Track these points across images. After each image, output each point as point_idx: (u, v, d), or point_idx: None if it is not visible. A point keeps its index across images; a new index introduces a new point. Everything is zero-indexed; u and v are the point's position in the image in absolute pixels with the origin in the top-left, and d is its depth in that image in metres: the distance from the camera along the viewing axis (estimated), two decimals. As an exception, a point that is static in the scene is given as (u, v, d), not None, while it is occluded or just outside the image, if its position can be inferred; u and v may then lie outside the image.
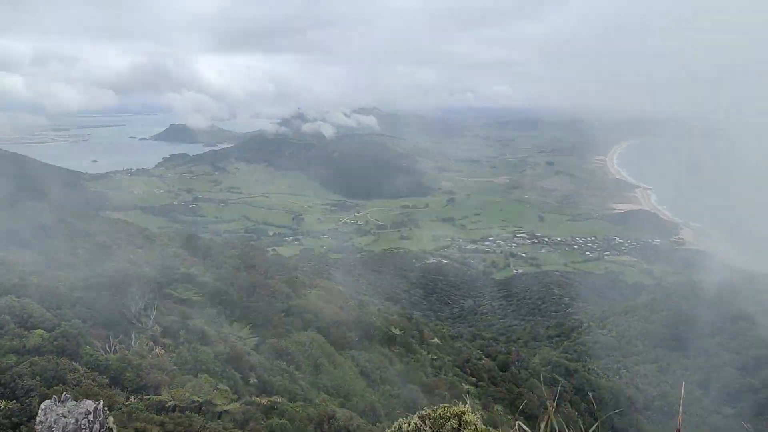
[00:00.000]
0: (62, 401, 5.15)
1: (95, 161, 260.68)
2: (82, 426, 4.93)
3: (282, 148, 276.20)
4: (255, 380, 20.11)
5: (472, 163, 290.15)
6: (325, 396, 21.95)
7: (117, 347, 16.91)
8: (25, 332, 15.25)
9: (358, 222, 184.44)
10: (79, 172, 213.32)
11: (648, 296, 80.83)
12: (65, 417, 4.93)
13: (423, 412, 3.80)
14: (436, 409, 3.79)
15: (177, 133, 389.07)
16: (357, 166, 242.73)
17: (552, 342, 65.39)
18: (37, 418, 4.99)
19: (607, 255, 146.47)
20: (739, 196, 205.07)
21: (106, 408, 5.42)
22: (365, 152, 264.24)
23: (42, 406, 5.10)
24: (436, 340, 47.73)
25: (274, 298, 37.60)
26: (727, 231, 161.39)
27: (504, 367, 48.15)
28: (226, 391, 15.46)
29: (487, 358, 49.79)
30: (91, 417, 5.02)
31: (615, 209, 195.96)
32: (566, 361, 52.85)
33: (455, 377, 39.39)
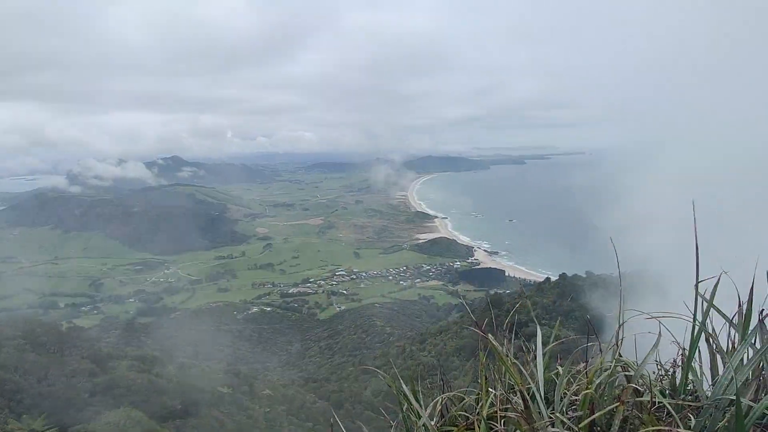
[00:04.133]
0: None
1: None
2: None
3: (70, 206, 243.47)
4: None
5: (285, 207, 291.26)
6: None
7: None
8: None
9: (169, 279, 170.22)
10: None
11: (456, 314, 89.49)
12: None
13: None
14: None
15: None
16: (163, 219, 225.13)
17: (379, 372, 67.89)
18: None
19: (418, 282, 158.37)
20: (515, 217, 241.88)
21: None
22: (170, 204, 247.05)
23: None
24: (267, 391, 46.26)
25: (75, 377, 32.78)
26: (510, 248, 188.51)
27: (339, 406, 48.59)
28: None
29: (321, 400, 49.75)
30: None
31: (420, 239, 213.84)
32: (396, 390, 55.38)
33: (291, 426, 38.57)
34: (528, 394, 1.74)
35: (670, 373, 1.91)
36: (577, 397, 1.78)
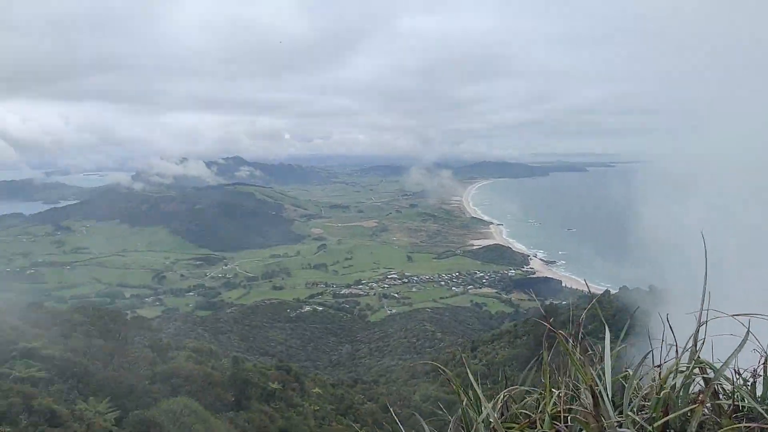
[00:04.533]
0: None
1: None
2: None
3: (138, 202, 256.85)
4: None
5: (340, 208, 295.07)
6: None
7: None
8: None
9: (227, 275, 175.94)
10: None
11: (510, 323, 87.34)
12: None
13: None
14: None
15: (8, 190, 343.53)
16: (223, 217, 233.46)
17: (429, 377, 67.22)
18: None
19: (470, 288, 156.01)
20: (574, 226, 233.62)
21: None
22: (230, 202, 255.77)
23: None
24: (317, 390, 46.56)
25: (136, 364, 34.10)
26: (568, 258, 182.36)
27: (386, 409, 48.31)
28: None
29: (370, 401, 49.63)
30: None
31: (474, 245, 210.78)
32: (444, 394, 54.60)
33: (340, 426, 38.61)
34: (596, 393, 1.68)
35: (750, 381, 1.82)
36: (646, 402, 1.73)
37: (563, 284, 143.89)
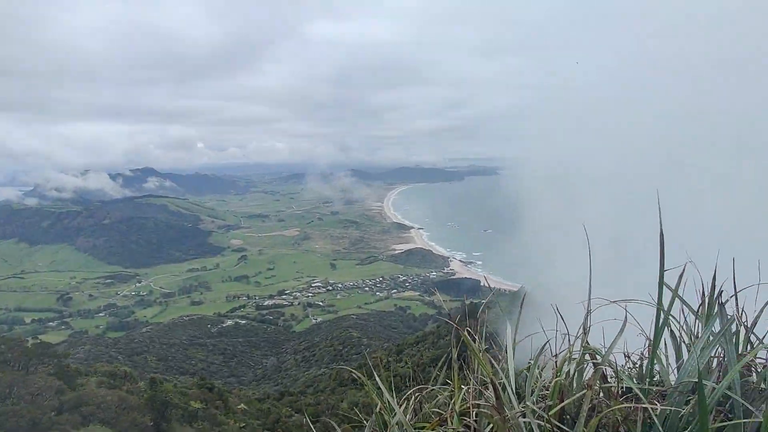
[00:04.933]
0: None
1: None
2: None
3: (37, 218, 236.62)
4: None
5: (260, 218, 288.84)
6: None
7: None
8: None
9: (141, 293, 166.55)
10: None
11: (433, 324, 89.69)
12: None
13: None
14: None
15: None
16: (134, 231, 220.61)
17: (357, 384, 67.52)
18: None
19: (394, 293, 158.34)
20: (490, 227, 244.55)
21: None
22: (142, 216, 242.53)
23: None
24: (242, 406, 45.49)
25: (40, 395, 31.68)
26: (484, 259, 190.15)
27: (316, 419, 48.03)
28: None
29: (297, 413, 49.08)
30: None
31: (396, 250, 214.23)
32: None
33: (266, 440, 38.00)
34: (500, 387, 1.76)
35: (637, 363, 1.94)
36: (547, 391, 1.81)
37: (481, 283, 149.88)
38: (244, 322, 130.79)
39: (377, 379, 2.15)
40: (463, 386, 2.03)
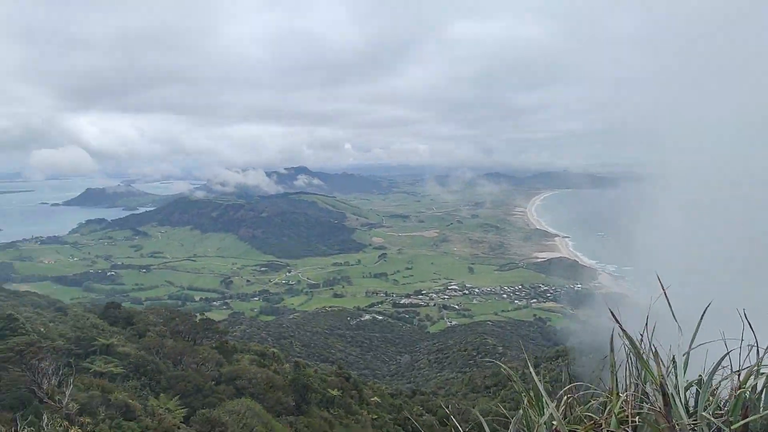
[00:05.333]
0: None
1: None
2: None
3: (208, 209, 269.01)
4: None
5: (401, 218, 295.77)
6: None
7: (26, 430, 15.13)
8: None
9: (290, 282, 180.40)
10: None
11: (575, 340, 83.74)
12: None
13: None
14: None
15: (93, 197, 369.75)
16: (287, 224, 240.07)
17: (490, 392, 65.59)
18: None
19: (534, 302, 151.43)
20: (645, 240, 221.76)
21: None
22: (294, 211, 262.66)
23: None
24: (375, 398, 46.53)
25: (204, 365, 35.42)
26: (637, 273, 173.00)
27: (445, 422, 47.50)
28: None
29: (428, 413, 48.98)
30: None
31: (538, 257, 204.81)
32: (506, 410, 53.01)
33: (397, 436, 38.34)
34: (667, 393, 1.63)
35: None
36: (720, 405, 1.66)
37: (633, 300, 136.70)
38: (381, 317, 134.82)
39: (532, 373, 2.09)
40: (620, 393, 1.90)
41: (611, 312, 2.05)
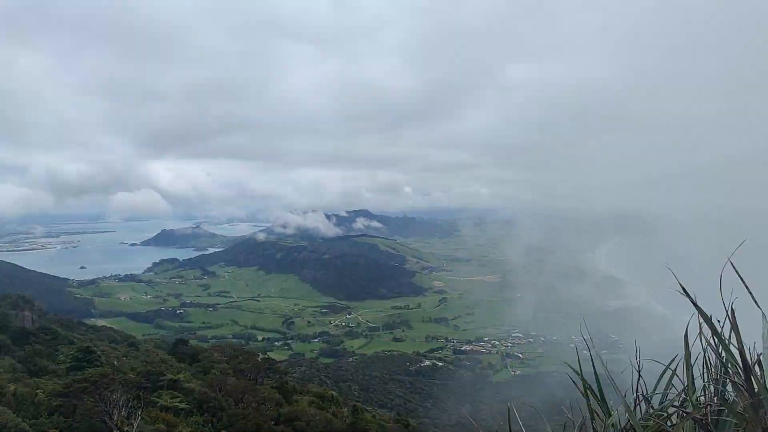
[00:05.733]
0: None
1: (83, 267, 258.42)
2: None
3: (273, 251, 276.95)
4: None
5: (462, 261, 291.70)
6: None
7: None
8: (-2, 444, 14.11)
9: (350, 324, 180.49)
10: (66, 278, 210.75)
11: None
12: None
13: None
14: None
15: (167, 238, 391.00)
16: (347, 267, 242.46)
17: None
18: None
19: (604, 353, 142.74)
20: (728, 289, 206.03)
21: None
22: (356, 253, 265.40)
23: None
24: (435, 448, 44.84)
25: (264, 404, 35.61)
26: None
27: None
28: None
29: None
30: None
31: (609, 306, 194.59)
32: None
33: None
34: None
35: None
36: None
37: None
38: (441, 364, 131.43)
39: (595, 372, 2.03)
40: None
41: (688, 296, 2.02)
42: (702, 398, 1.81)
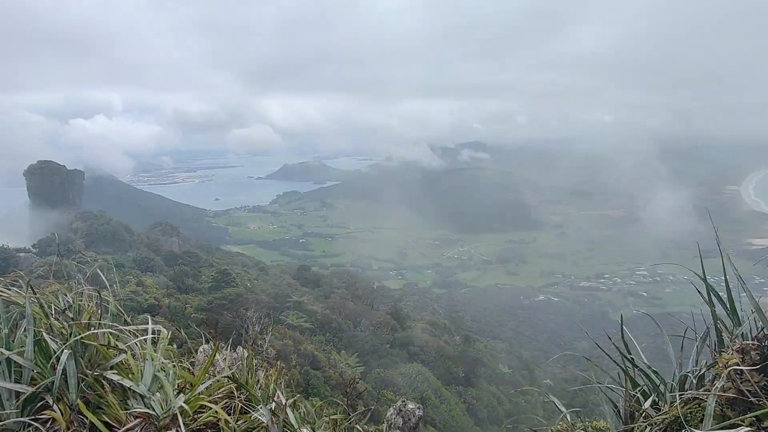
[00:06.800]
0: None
1: (217, 199, 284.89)
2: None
3: (388, 183, 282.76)
4: (362, 408, 20.00)
5: (583, 194, 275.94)
6: (433, 430, 21.27)
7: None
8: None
9: (462, 257, 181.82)
10: (204, 209, 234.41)
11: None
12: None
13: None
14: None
15: (288, 171, 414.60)
16: (463, 199, 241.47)
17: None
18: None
19: (743, 296, 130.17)
20: None
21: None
22: (471, 186, 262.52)
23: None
24: (548, 381, 44.88)
25: (380, 328, 37.72)
26: None
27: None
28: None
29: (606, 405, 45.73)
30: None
31: (753, 245, 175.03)
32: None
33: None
34: None
35: None
36: None
37: None
38: (557, 299, 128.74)
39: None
40: None
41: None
42: None
